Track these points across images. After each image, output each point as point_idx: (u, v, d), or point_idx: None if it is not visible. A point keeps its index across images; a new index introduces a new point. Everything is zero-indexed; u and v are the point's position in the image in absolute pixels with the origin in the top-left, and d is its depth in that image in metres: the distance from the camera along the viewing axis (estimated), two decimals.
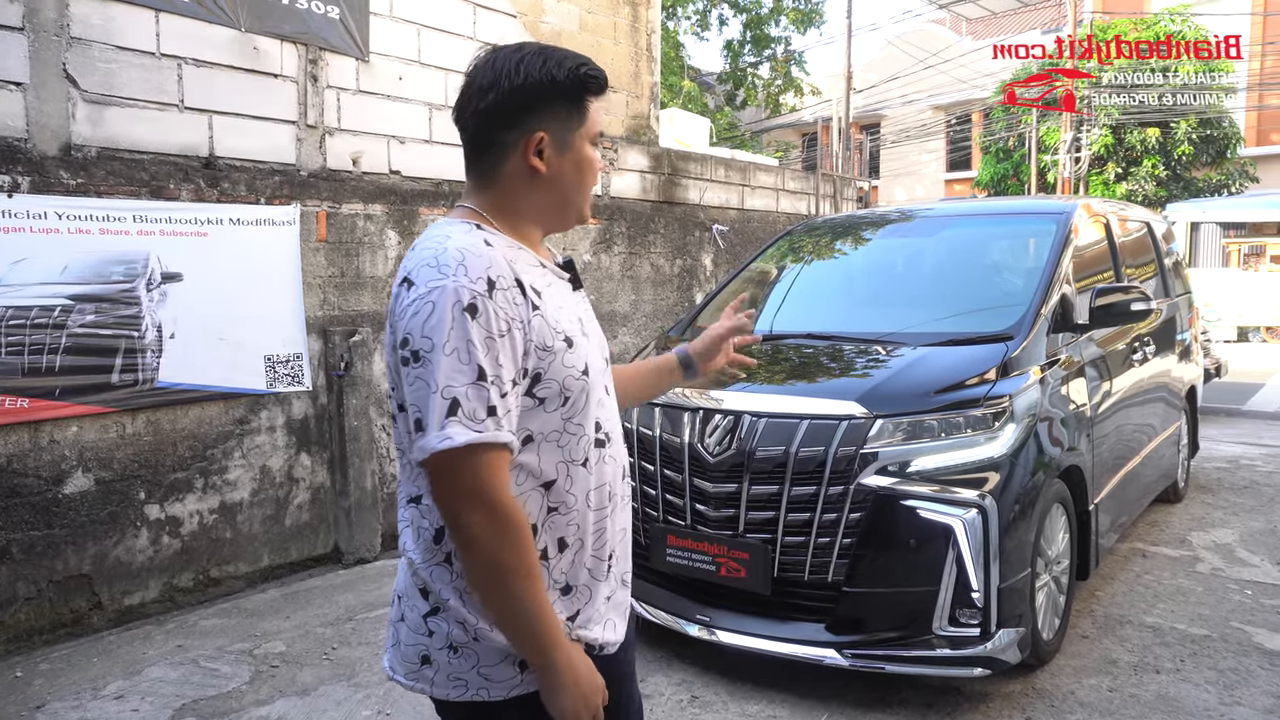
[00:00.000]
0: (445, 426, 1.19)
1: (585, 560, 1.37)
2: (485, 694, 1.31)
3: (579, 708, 1.28)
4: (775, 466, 3.06)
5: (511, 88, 1.31)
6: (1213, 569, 4.32)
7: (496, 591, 1.24)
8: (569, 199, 1.40)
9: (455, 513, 1.22)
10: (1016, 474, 3.00)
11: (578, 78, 1.35)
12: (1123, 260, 4.49)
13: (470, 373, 1.20)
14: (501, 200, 1.37)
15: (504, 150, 1.34)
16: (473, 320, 1.20)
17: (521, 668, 1.31)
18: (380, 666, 3.40)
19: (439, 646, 1.31)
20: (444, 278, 1.22)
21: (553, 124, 1.34)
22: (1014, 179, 19.01)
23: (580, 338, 1.35)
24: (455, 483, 1.21)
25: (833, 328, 3.77)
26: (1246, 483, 6.05)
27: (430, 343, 1.20)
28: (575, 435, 1.34)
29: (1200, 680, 3.17)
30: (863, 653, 2.93)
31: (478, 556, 1.23)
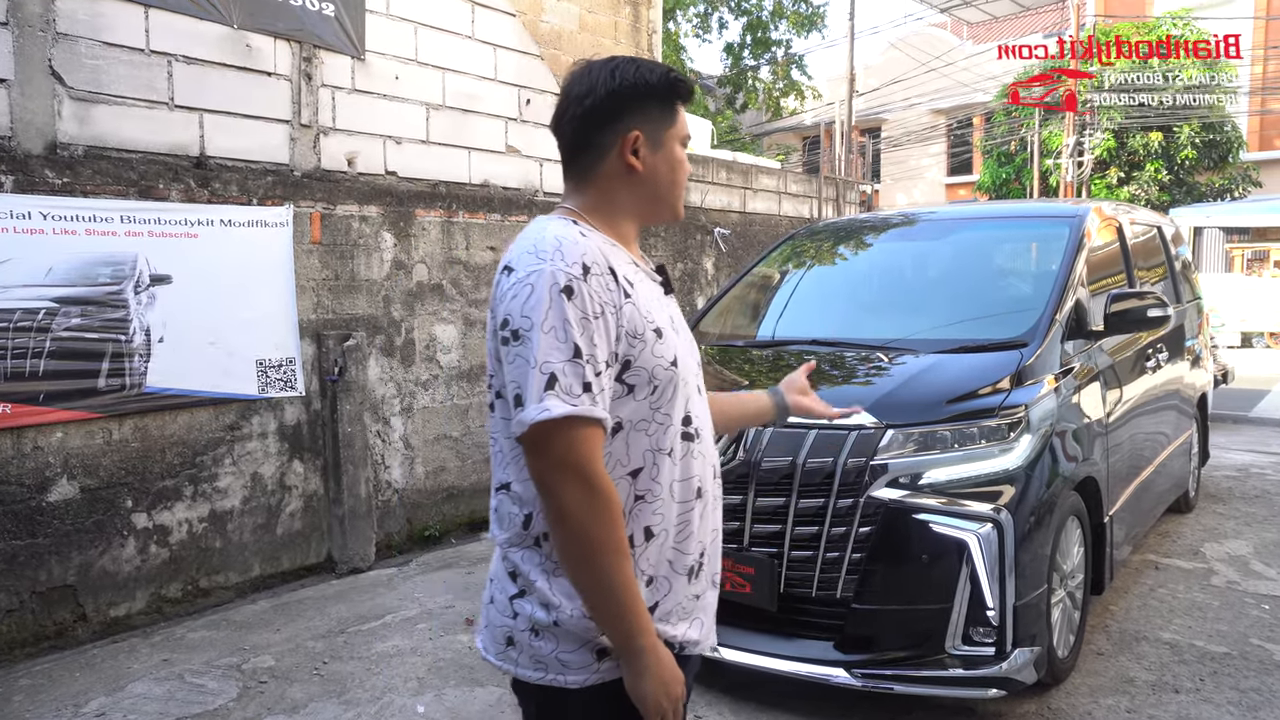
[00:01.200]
0: (543, 399, 1.23)
1: (667, 552, 1.38)
2: (562, 679, 1.32)
3: (660, 695, 1.29)
4: (782, 478, 2.95)
5: (608, 91, 1.40)
6: (1228, 582, 4.21)
7: (587, 566, 1.26)
8: (662, 195, 1.47)
9: (550, 484, 1.26)
10: (1032, 486, 2.89)
11: (669, 81, 1.44)
12: (1135, 265, 4.38)
13: (567, 350, 1.25)
14: (599, 198, 1.44)
15: (601, 150, 1.42)
16: (569, 301, 1.26)
17: (599, 656, 1.32)
18: (373, 683, 3.30)
19: (522, 628, 1.35)
20: (542, 262, 1.29)
21: (646, 124, 1.42)
22: (1016, 183, 18.93)
23: (670, 331, 1.39)
24: (551, 454, 1.25)
25: (839, 334, 3.66)
26: (1258, 492, 5.94)
27: (529, 322, 1.26)
28: (663, 425, 1.37)
29: (1222, 701, 3.06)
30: (873, 672, 2.82)
31: (570, 529, 1.25)
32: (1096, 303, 3.59)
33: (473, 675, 3.38)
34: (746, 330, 4.15)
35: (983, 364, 3.14)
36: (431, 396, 5.41)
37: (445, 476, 5.50)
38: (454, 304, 5.52)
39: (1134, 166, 16.85)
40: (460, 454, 5.58)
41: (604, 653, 1.32)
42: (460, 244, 5.54)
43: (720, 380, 3.52)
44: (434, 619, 3.97)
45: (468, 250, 5.59)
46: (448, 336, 5.50)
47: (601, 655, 1.32)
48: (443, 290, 5.45)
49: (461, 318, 5.56)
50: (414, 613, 4.06)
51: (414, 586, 4.45)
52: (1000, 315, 3.54)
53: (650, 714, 1.30)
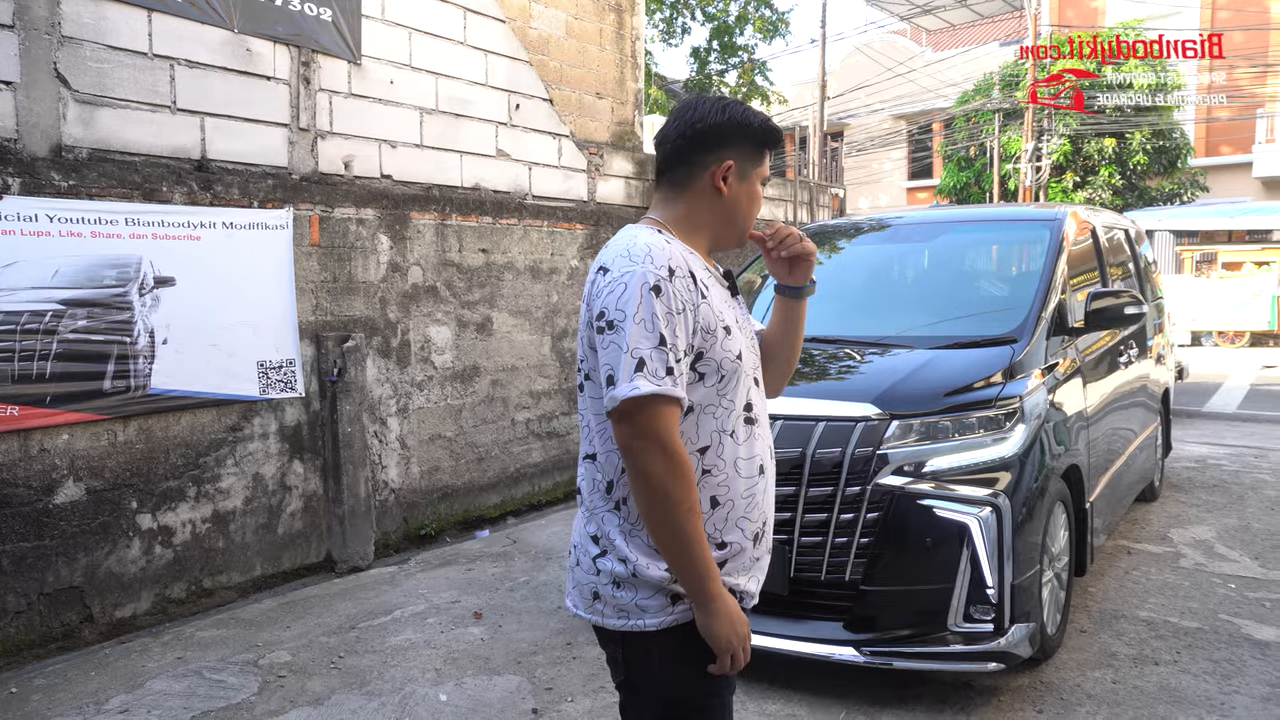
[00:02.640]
0: (634, 379, 1.44)
1: (736, 519, 1.58)
2: (641, 623, 1.53)
3: (730, 635, 1.49)
4: (792, 468, 3.09)
5: (718, 121, 1.62)
6: (1195, 564, 4.46)
7: (666, 521, 1.46)
8: (736, 220, 1.68)
9: (635, 451, 1.46)
10: (1027, 473, 3.08)
11: (766, 127, 1.67)
12: (1107, 264, 4.62)
13: (654, 339, 1.46)
14: (685, 212, 1.64)
15: (697, 169, 1.63)
16: (657, 298, 1.47)
17: (673, 600, 1.52)
18: (392, 674, 3.38)
19: (605, 583, 1.56)
20: (634, 264, 1.49)
21: (739, 158, 1.64)
22: (975, 187, 19.40)
23: (736, 330, 1.60)
24: (637, 425, 1.45)
25: (838, 332, 3.82)
26: (1216, 481, 6.24)
27: (623, 314, 1.47)
28: (727, 410, 1.57)
29: (1198, 671, 3.28)
30: (880, 650, 2.98)
31: (652, 489, 1.45)
32: (1077, 301, 3.80)
33: (489, 665, 3.48)
34: None
35: (977, 359, 3.32)
36: (426, 397, 5.48)
37: (440, 476, 5.57)
38: (447, 306, 5.59)
39: (1089, 171, 17.41)
40: (454, 454, 5.66)
41: (677, 598, 1.52)
42: (453, 246, 5.62)
43: None
44: (442, 613, 4.05)
45: (460, 253, 5.68)
46: (442, 338, 5.57)
47: (675, 600, 1.52)
48: (437, 292, 5.53)
49: (455, 319, 5.64)
50: (421, 608, 4.14)
51: (417, 584, 4.52)
52: (990, 313, 3.74)
53: (721, 651, 1.50)
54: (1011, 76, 18.44)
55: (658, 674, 1.57)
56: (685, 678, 1.56)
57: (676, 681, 1.57)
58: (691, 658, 1.53)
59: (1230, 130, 20.40)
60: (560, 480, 6.40)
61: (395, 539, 5.26)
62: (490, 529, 5.59)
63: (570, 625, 3.87)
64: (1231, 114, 19.86)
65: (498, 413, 5.96)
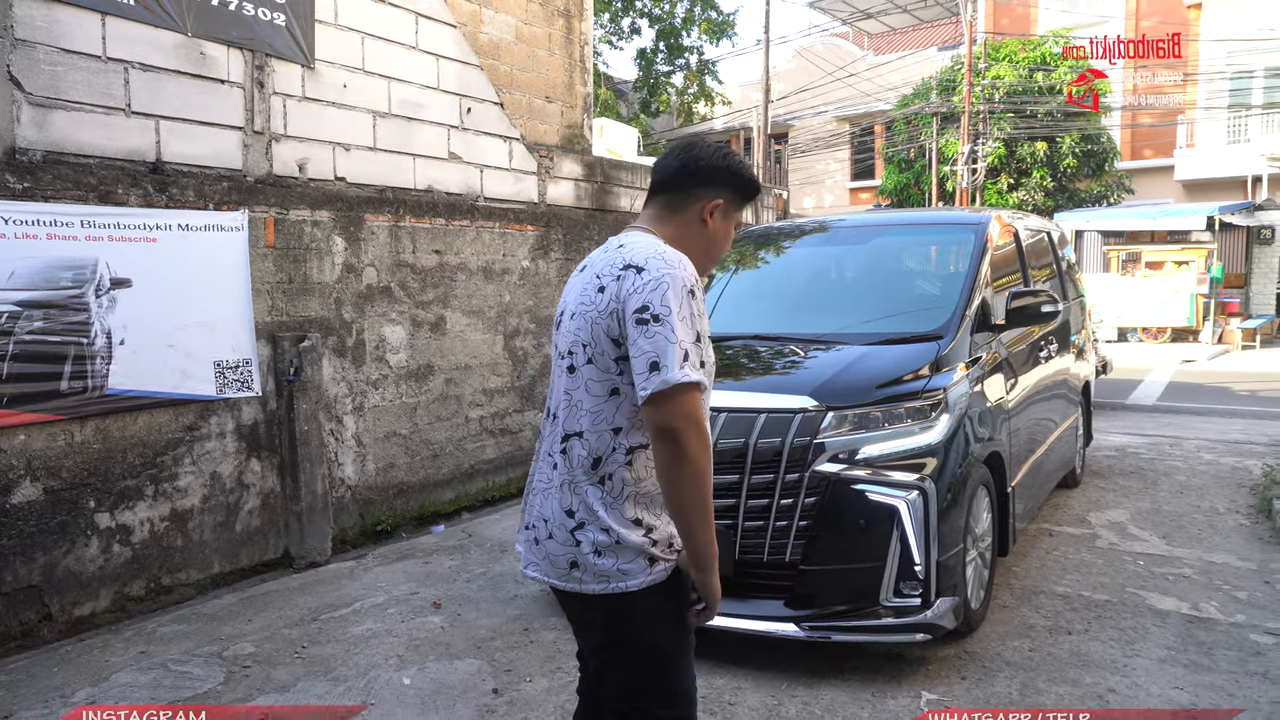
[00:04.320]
0: (683, 368, 1.64)
1: None
2: (623, 585, 1.74)
3: (718, 590, 1.78)
4: (735, 457, 3.31)
5: (718, 164, 1.91)
6: (1110, 544, 4.81)
7: (697, 489, 1.67)
8: (711, 251, 1.96)
9: (679, 430, 1.64)
10: (951, 459, 3.34)
11: (753, 181, 1.97)
12: (1029, 265, 4.94)
13: (693, 335, 1.69)
14: (674, 232, 1.89)
15: (693, 199, 1.90)
16: (693, 300, 1.72)
17: (651, 562, 1.75)
18: (355, 662, 3.51)
19: (586, 552, 1.76)
20: (672, 268, 1.72)
21: (726, 199, 1.92)
22: (915, 188, 19.99)
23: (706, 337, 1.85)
24: (683, 408, 1.65)
25: (778, 329, 4.06)
26: (1133, 468, 6.66)
27: (668, 309, 1.67)
28: (705, 405, 1.78)
29: (1106, 638, 3.58)
30: (819, 625, 3.22)
31: (690, 464, 1.65)
32: (999, 300, 4.09)
33: (450, 650, 3.63)
34: None
35: (906, 354, 3.58)
36: (381, 395, 5.58)
37: (395, 473, 5.67)
38: (402, 306, 5.70)
39: (1022, 173, 18.09)
40: (409, 451, 5.77)
41: (654, 560, 1.76)
42: (407, 247, 5.73)
43: None
44: (402, 604, 4.18)
45: (414, 254, 5.78)
46: (396, 337, 5.67)
47: (653, 562, 1.76)
48: (391, 293, 5.63)
49: (409, 319, 5.75)
50: (381, 599, 4.26)
51: (375, 577, 4.64)
52: (918, 311, 4.00)
53: (712, 601, 1.78)
54: (948, 81, 19.05)
55: (641, 629, 1.79)
56: (664, 629, 1.80)
57: (657, 633, 1.80)
58: (668, 612, 1.79)
59: (1154, 135, 21.34)
60: (514, 476, 6.54)
61: (352, 535, 5.35)
62: (445, 524, 5.71)
63: (527, 612, 4.03)
64: (1154, 120, 20.80)
65: (451, 410, 6.08)
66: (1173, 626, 3.69)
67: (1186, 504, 5.59)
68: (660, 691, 1.83)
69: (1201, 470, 6.54)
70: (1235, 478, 6.27)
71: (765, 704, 3.12)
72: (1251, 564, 4.45)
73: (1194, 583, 4.19)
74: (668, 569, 1.77)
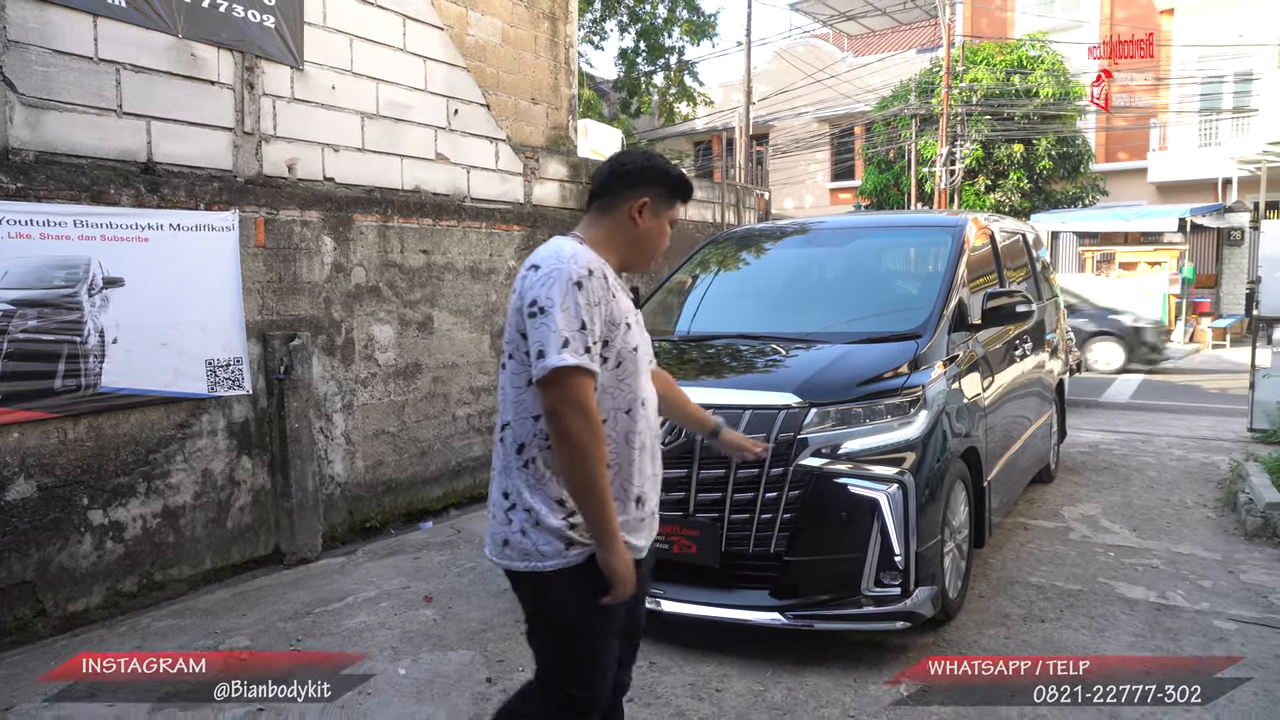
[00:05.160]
0: (561, 353, 1.80)
1: (621, 482, 1.97)
2: (541, 565, 1.90)
3: (623, 569, 1.86)
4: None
5: (642, 165, 2.08)
6: (1082, 536, 4.96)
7: (582, 470, 1.81)
8: (644, 248, 2.09)
9: (560, 412, 1.80)
10: (929, 454, 3.46)
11: (680, 181, 2.10)
12: (1004, 266, 5.09)
13: (576, 324, 1.83)
14: (605, 233, 2.05)
15: (621, 200, 2.04)
16: (579, 291, 1.85)
17: (568, 545, 1.89)
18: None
19: (514, 530, 1.92)
20: (562, 264, 1.87)
21: (654, 198, 2.06)
22: (894, 189, 20.22)
23: (636, 327, 2.03)
24: (563, 391, 1.81)
25: (762, 329, 4.17)
26: (1106, 464, 6.84)
27: (552, 302, 1.83)
28: (624, 392, 1.97)
29: (1077, 626, 3.72)
30: (803, 614, 3.33)
31: (572, 444, 1.80)
32: (975, 300, 4.23)
33: (443, 642, 3.71)
34: (678, 327, 4.61)
35: (886, 352, 3.70)
36: (370, 394, 5.64)
37: (384, 470, 5.74)
38: (390, 305, 5.76)
39: (999, 175, 18.36)
40: (398, 448, 5.83)
41: (571, 544, 1.89)
42: (395, 248, 5.79)
43: None
44: (394, 598, 4.26)
45: (402, 254, 5.85)
46: (384, 336, 5.73)
47: (570, 545, 1.89)
48: (379, 292, 5.69)
49: (397, 318, 5.81)
50: (373, 594, 4.33)
51: (366, 572, 4.70)
52: (897, 311, 4.13)
53: (617, 581, 1.87)
54: (927, 83, 19.29)
55: (554, 608, 1.94)
56: (576, 610, 1.92)
57: (569, 613, 1.93)
58: (584, 594, 1.89)
59: (1127, 138, 21.70)
60: None
61: (341, 531, 5.41)
62: (434, 520, 5.78)
63: (517, 604, 4.10)
64: (1128, 123, 21.16)
65: (439, 408, 6.15)
66: (1141, 614, 3.84)
67: (1156, 498, 5.77)
68: (571, 669, 1.99)
69: (1171, 466, 6.73)
70: (1203, 473, 6.46)
71: (751, 690, 3.22)
72: (1217, 555, 4.61)
73: (1162, 573, 4.35)
74: (584, 553, 1.89)
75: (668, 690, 3.24)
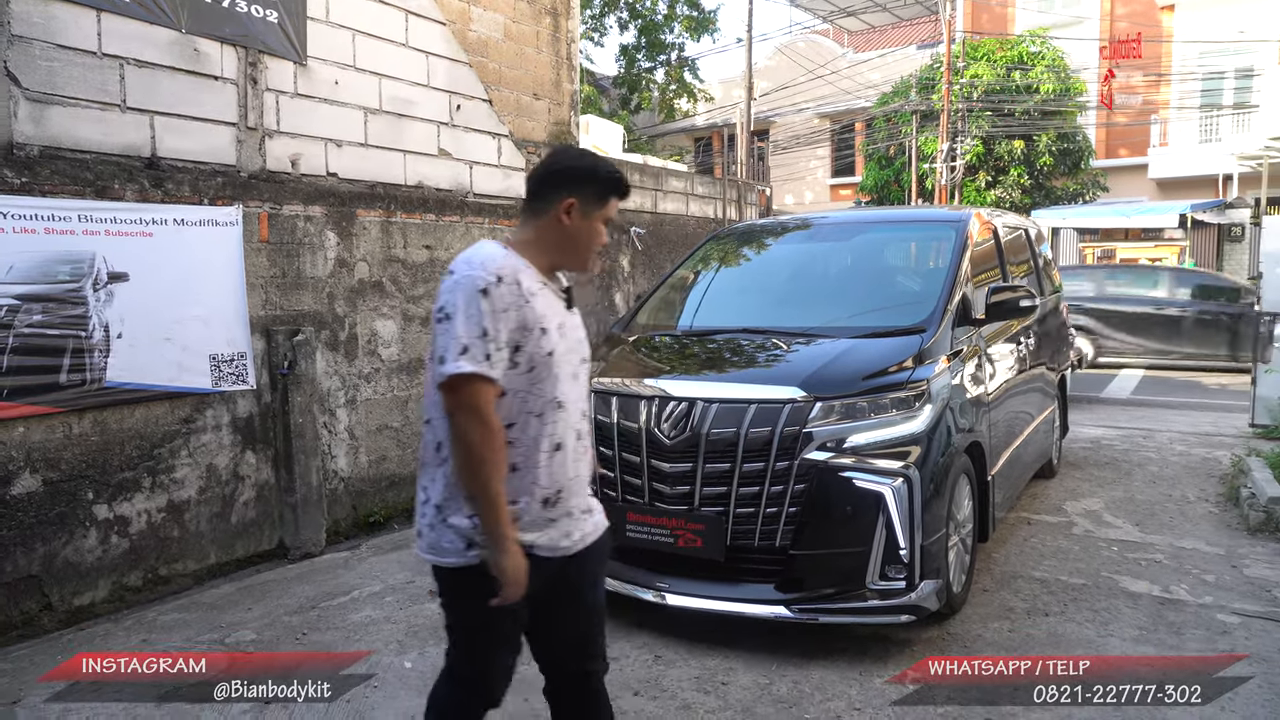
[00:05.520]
0: (459, 360, 1.84)
1: (529, 485, 1.97)
2: (444, 560, 1.97)
3: (512, 570, 1.89)
4: (727, 446, 3.42)
5: (568, 165, 2.06)
6: (1085, 531, 4.97)
7: (475, 474, 1.85)
8: (576, 249, 2.07)
9: (457, 418, 1.85)
10: (934, 448, 3.47)
11: (609, 177, 2.06)
12: (1007, 261, 5.09)
13: (478, 331, 1.86)
14: (533, 236, 2.05)
15: (549, 202, 2.03)
16: (484, 298, 1.87)
17: (468, 545, 1.93)
18: (357, 647, 3.60)
19: (426, 525, 1.99)
20: (471, 270, 1.90)
21: (582, 199, 2.02)
22: (895, 185, 20.21)
23: (554, 331, 1.98)
24: (460, 397, 1.85)
25: (765, 323, 4.17)
26: (1108, 459, 6.85)
27: (455, 308, 1.87)
28: (537, 396, 1.96)
29: (1081, 619, 3.73)
30: (808, 607, 3.34)
31: (468, 449, 1.85)
32: (979, 295, 4.23)
33: None
34: (681, 321, 4.61)
35: (890, 346, 3.70)
36: (374, 389, 5.64)
37: (387, 465, 5.74)
38: (393, 300, 5.76)
39: (1000, 171, 18.35)
40: (401, 443, 5.84)
41: (471, 544, 1.92)
42: (399, 243, 5.79)
43: (644, 369, 3.95)
44: (399, 592, 4.26)
45: (405, 249, 5.85)
46: (388, 331, 5.74)
47: (470, 546, 1.93)
48: (383, 287, 5.69)
49: (400, 313, 5.81)
50: (378, 588, 4.34)
51: (370, 567, 4.71)
52: (901, 306, 4.13)
53: (507, 582, 1.89)
54: (928, 79, 19.27)
55: (451, 602, 2.03)
56: (469, 607, 2.00)
57: (463, 609, 2.02)
58: (478, 593, 1.91)
59: (1128, 134, 21.69)
60: None
61: (345, 526, 5.42)
62: None
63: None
64: (1129, 119, 21.15)
65: None
66: (1144, 608, 3.85)
67: (1159, 493, 5.78)
68: (463, 660, 2.09)
69: (1174, 461, 6.74)
70: (1206, 468, 6.47)
71: (757, 683, 3.23)
72: (1220, 549, 4.62)
73: (1165, 567, 4.36)
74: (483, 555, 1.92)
75: (674, 683, 3.25)
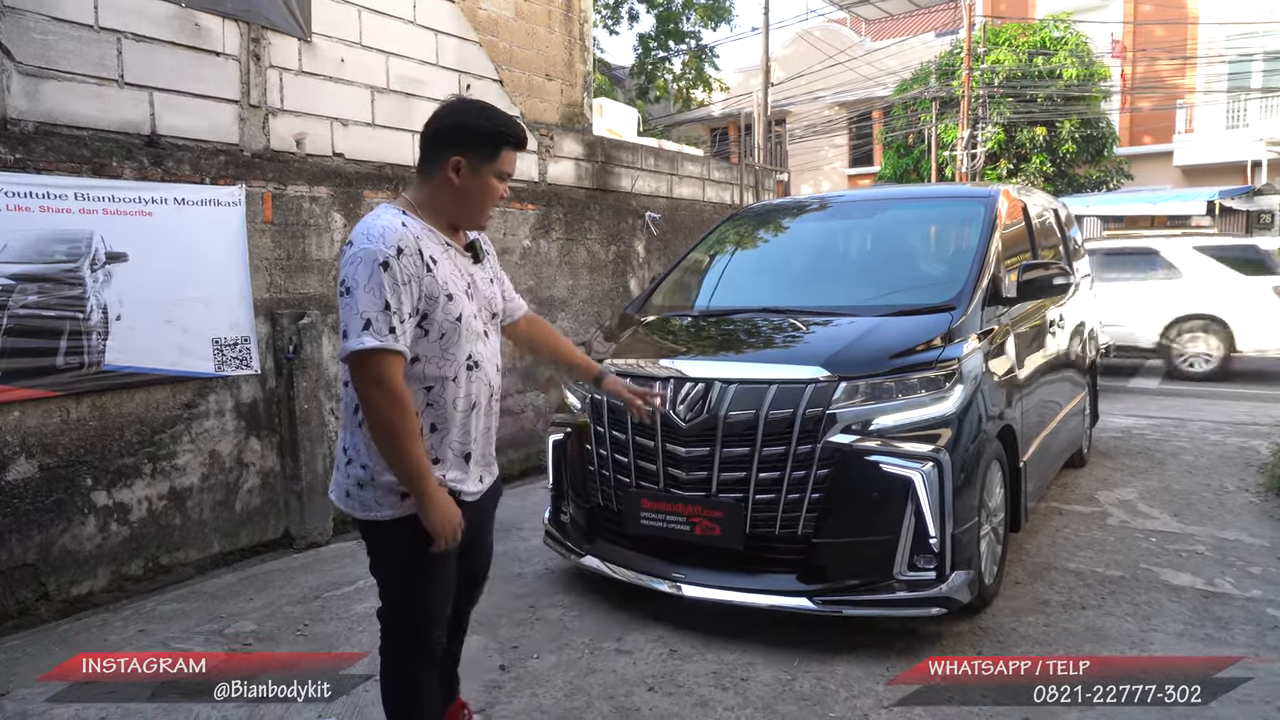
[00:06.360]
0: (361, 335, 1.86)
1: (450, 442, 2.06)
2: (378, 514, 2.01)
3: (443, 523, 1.96)
4: (746, 429, 3.24)
5: (452, 123, 2.03)
6: (1120, 521, 4.76)
7: (390, 443, 1.90)
8: (469, 207, 2.07)
9: (365, 392, 1.89)
10: (965, 431, 3.28)
11: (495, 131, 2.03)
12: (1038, 244, 4.87)
13: (380, 304, 1.86)
14: (427, 197, 2.05)
15: (437, 162, 2.01)
16: (385, 272, 1.87)
17: (402, 497, 1.98)
18: (359, 638, 3.46)
19: (353, 484, 2.03)
20: (371, 243, 1.89)
21: (469, 155, 2.01)
22: (914, 174, 19.89)
23: (461, 295, 2.03)
24: (366, 372, 1.88)
25: (785, 303, 3.98)
26: (1139, 449, 6.62)
27: (356, 283, 1.87)
28: (449, 360, 2.02)
29: (1121, 614, 3.53)
30: (831, 599, 3.16)
31: (379, 420, 1.89)
32: (1009, 273, 4.03)
33: None
34: (698, 302, 4.44)
35: (918, 325, 3.51)
36: None
37: None
38: None
39: (1021, 159, 18.00)
40: None
41: (405, 496, 1.97)
42: None
43: (660, 349, 3.78)
44: None
45: None
46: None
47: (404, 498, 1.98)
48: None
49: None
50: None
51: None
52: (929, 284, 3.93)
53: (437, 535, 1.96)
54: (947, 66, 18.94)
55: (389, 552, 2.08)
56: (410, 553, 2.02)
57: (403, 556, 2.04)
58: (415, 539, 1.97)
59: (1152, 120, 21.26)
60: (514, 457, 6.48)
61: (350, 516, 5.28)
62: None
63: (532, 590, 3.98)
64: (1153, 105, 20.72)
65: None
66: (1188, 601, 3.64)
67: (1195, 483, 5.55)
68: (400, 607, 2.14)
69: (1208, 450, 6.49)
70: (1243, 457, 6.22)
71: (779, 679, 3.06)
72: (1264, 540, 4.40)
73: (1207, 559, 4.15)
74: None
75: (690, 679, 3.08)
